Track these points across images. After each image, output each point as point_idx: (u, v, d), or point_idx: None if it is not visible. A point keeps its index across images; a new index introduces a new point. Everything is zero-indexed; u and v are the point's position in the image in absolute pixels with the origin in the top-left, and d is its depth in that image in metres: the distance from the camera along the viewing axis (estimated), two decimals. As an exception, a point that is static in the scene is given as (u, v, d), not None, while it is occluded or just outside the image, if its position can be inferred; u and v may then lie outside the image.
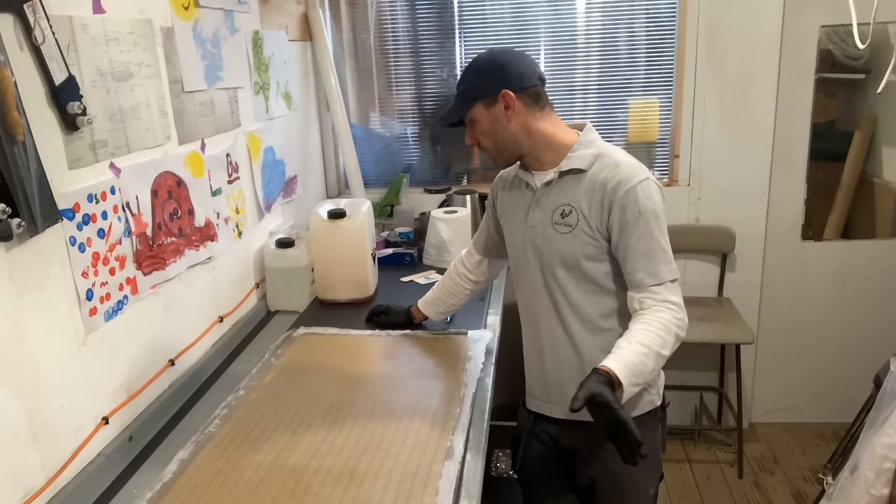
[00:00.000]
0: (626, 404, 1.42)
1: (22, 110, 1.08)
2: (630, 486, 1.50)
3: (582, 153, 1.41)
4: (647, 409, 1.48)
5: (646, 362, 1.27)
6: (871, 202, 2.88)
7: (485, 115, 1.42)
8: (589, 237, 1.39)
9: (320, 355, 1.75)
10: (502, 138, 1.43)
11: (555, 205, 1.43)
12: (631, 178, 1.35)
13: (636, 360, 1.26)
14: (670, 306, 1.33)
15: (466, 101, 1.44)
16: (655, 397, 1.49)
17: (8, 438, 1.08)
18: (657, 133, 2.82)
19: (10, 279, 1.09)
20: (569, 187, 1.42)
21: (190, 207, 1.66)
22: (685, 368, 2.94)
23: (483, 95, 1.41)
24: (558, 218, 1.42)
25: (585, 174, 1.39)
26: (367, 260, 2.08)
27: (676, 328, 1.32)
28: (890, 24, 2.62)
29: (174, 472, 1.28)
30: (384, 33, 2.86)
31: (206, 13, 1.75)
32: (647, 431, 1.47)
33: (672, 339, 1.31)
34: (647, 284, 1.34)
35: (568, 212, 1.41)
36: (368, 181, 2.87)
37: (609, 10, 2.72)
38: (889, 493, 1.76)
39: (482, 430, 1.40)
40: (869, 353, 2.61)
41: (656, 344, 1.29)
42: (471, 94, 1.43)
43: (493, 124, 1.43)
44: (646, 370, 1.28)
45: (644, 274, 1.34)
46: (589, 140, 1.43)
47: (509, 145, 1.44)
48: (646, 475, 1.51)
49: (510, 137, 1.43)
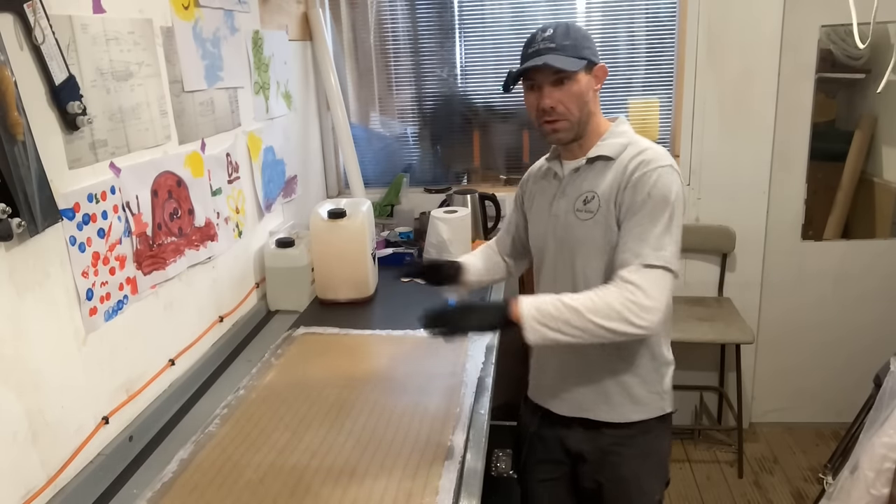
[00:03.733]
0: (638, 408, 1.43)
1: (22, 110, 1.08)
2: (637, 491, 1.49)
3: (612, 141, 1.39)
4: (657, 413, 1.46)
5: (561, 310, 1.24)
6: (871, 202, 2.88)
7: (584, 79, 1.35)
8: (608, 226, 1.35)
9: (320, 355, 1.75)
10: (587, 109, 1.38)
11: (578, 192, 1.41)
12: (651, 162, 1.32)
13: (551, 305, 1.25)
14: (628, 287, 1.25)
15: (577, 56, 1.33)
16: (667, 404, 1.47)
17: (8, 438, 1.08)
18: (657, 133, 2.82)
19: (10, 279, 1.09)
20: (594, 175, 1.39)
21: (190, 207, 1.66)
22: (685, 368, 2.94)
23: (590, 59, 1.35)
24: (580, 205, 1.40)
25: (613, 162, 1.37)
26: (367, 260, 2.08)
27: (621, 306, 1.24)
28: (890, 24, 2.62)
29: (174, 472, 1.28)
30: (384, 33, 2.86)
31: (206, 13, 1.75)
32: (655, 438, 1.47)
33: (609, 311, 1.24)
34: (627, 263, 1.28)
35: (590, 198, 1.38)
36: (368, 181, 2.87)
37: (609, 10, 2.72)
38: (889, 493, 1.76)
39: (482, 430, 1.40)
40: (869, 352, 2.61)
41: (583, 304, 1.24)
42: (580, 53, 1.33)
43: (586, 92, 1.36)
44: (556, 314, 1.24)
45: (629, 254, 1.28)
46: (620, 130, 1.41)
47: (584, 117, 1.38)
48: (653, 481, 1.50)
49: (588, 110, 1.38)
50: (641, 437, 1.46)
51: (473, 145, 2.97)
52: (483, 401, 1.51)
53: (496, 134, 2.94)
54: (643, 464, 1.48)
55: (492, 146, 2.96)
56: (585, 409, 1.47)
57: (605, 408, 1.45)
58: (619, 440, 1.46)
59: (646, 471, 1.48)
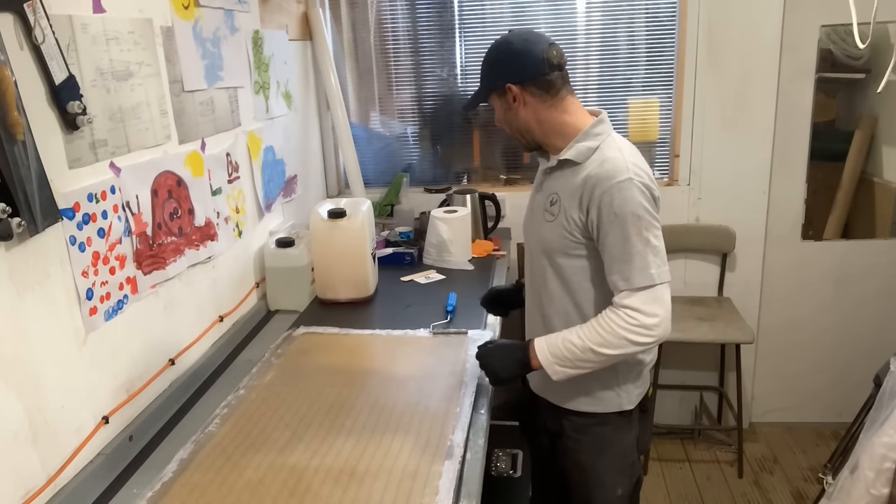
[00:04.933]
0: (591, 400, 1.49)
1: (22, 110, 1.08)
2: (596, 482, 1.51)
3: (581, 146, 1.40)
4: (613, 409, 1.48)
5: (573, 350, 1.35)
6: (871, 202, 2.88)
7: (498, 103, 1.47)
8: (565, 230, 1.39)
9: (320, 355, 1.75)
10: (516, 126, 1.47)
11: (549, 191, 1.45)
12: (610, 178, 1.32)
13: (561, 345, 1.36)
14: (627, 311, 1.31)
15: (482, 90, 1.48)
16: (625, 401, 1.48)
17: (8, 438, 1.09)
18: (657, 133, 2.82)
19: (10, 278, 1.09)
20: (561, 177, 1.42)
21: (190, 207, 1.66)
22: (685, 368, 2.95)
23: (494, 87, 1.45)
24: (547, 205, 1.44)
25: (579, 166, 1.39)
26: (367, 259, 2.08)
27: (626, 332, 1.30)
28: (890, 24, 2.62)
29: (174, 472, 1.28)
30: (384, 33, 2.86)
31: (206, 12, 1.75)
32: (614, 431, 1.51)
33: (617, 341, 1.31)
34: (619, 288, 1.33)
35: (555, 201, 1.42)
36: (368, 181, 2.87)
37: (609, 10, 2.72)
38: (889, 493, 1.75)
39: (482, 430, 1.40)
40: (869, 352, 2.61)
41: (592, 339, 1.33)
42: (485, 84, 1.47)
43: (505, 113, 1.46)
44: (572, 357, 1.35)
45: (617, 277, 1.33)
46: (595, 132, 1.40)
47: (524, 132, 1.47)
48: (613, 474, 1.52)
49: (522, 126, 1.46)
50: (599, 428, 1.50)
51: (473, 145, 2.98)
52: (483, 401, 1.51)
53: (496, 134, 2.94)
54: (601, 455, 1.50)
55: (492, 146, 2.96)
56: (546, 391, 1.55)
57: (561, 394, 1.50)
58: (577, 427, 1.51)
59: (604, 463, 1.50)
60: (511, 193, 2.84)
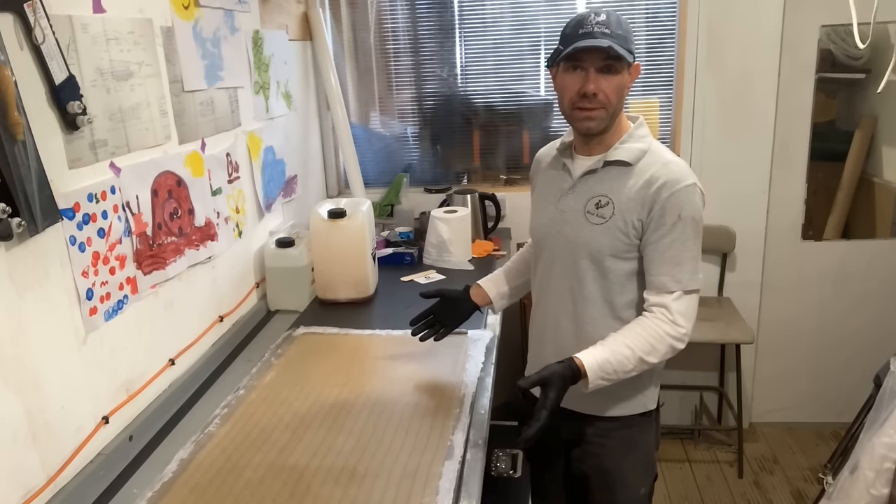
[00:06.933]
0: (619, 404, 1.45)
1: (22, 110, 1.07)
2: (621, 484, 1.50)
3: (631, 146, 1.38)
4: (639, 410, 1.48)
5: (624, 363, 1.30)
6: (871, 202, 2.88)
7: (625, 73, 1.34)
8: (621, 232, 1.36)
9: (320, 355, 1.75)
10: (615, 101, 1.35)
11: (591, 193, 1.40)
12: (679, 181, 1.33)
13: (613, 360, 1.29)
14: (675, 318, 1.32)
15: (627, 49, 1.31)
16: (649, 400, 1.49)
17: (8, 438, 1.08)
18: (657, 133, 2.82)
19: (10, 279, 1.09)
20: (610, 178, 1.39)
21: (190, 207, 1.65)
22: (685, 368, 2.95)
23: (632, 57, 1.33)
24: (592, 207, 1.39)
25: (631, 168, 1.37)
26: (367, 259, 2.08)
27: (672, 339, 1.32)
28: (890, 24, 2.62)
29: (174, 472, 1.28)
30: (384, 33, 2.86)
31: (206, 13, 1.75)
32: (638, 432, 1.49)
33: (663, 349, 1.32)
34: (668, 289, 1.33)
35: (604, 203, 1.38)
36: (368, 181, 2.87)
37: (609, 10, 2.72)
38: (889, 493, 1.76)
39: (482, 430, 1.41)
40: (869, 352, 2.61)
41: (642, 349, 1.30)
42: (630, 46, 1.32)
43: (626, 85, 1.35)
44: (621, 370, 1.30)
45: (668, 278, 1.33)
46: (640, 134, 1.40)
47: (614, 114, 1.36)
48: (637, 475, 1.51)
49: (619, 105, 1.37)
50: (624, 430, 1.48)
51: (473, 145, 2.98)
52: (483, 401, 1.51)
53: (496, 134, 2.94)
54: (626, 456, 1.49)
55: (492, 146, 2.96)
56: (567, 401, 1.47)
57: (586, 402, 1.47)
58: (601, 432, 1.49)
59: (629, 464, 1.49)
60: (511, 193, 2.84)
